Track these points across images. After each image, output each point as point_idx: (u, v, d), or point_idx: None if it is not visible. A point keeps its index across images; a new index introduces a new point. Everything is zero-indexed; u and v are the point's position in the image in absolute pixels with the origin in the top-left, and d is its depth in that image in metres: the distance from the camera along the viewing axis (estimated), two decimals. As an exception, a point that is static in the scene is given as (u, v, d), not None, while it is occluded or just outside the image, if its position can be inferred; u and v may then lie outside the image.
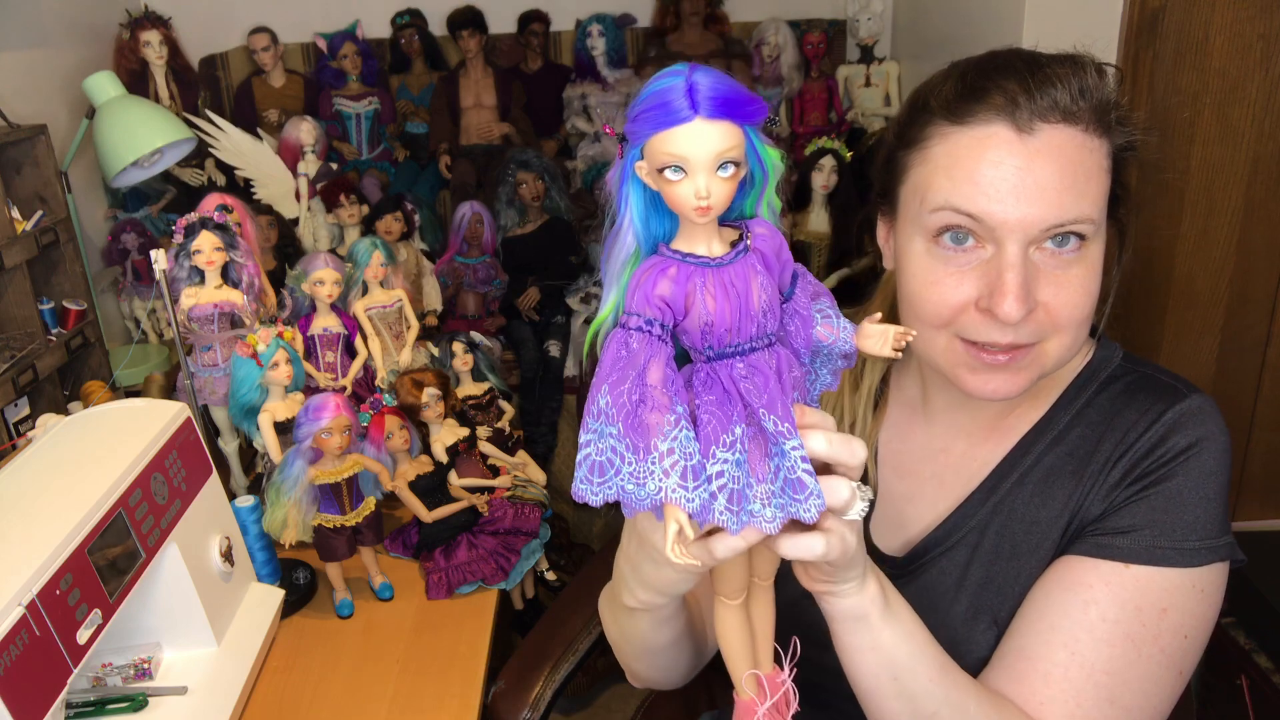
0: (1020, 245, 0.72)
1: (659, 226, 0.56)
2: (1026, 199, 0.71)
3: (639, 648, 0.86)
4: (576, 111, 2.52)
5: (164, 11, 2.33)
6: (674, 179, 0.51)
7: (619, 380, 0.51)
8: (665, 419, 0.51)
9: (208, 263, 1.41)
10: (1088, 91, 0.72)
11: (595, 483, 0.51)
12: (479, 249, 2.13)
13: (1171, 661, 0.76)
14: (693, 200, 0.51)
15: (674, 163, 0.50)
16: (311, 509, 1.24)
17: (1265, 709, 1.59)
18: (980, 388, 0.77)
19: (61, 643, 0.85)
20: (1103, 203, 0.74)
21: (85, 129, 1.95)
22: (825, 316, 0.59)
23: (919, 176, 0.77)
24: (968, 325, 0.75)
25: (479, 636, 1.24)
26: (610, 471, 0.51)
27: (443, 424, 1.42)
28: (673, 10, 2.51)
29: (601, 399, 0.51)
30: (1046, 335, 0.75)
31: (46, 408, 1.66)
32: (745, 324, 0.53)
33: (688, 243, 0.54)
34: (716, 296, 0.53)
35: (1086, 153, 0.72)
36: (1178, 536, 0.76)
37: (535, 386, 2.09)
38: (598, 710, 2.13)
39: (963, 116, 0.74)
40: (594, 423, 0.52)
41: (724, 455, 0.51)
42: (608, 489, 0.51)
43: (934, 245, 0.76)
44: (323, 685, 1.15)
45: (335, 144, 2.42)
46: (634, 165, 0.54)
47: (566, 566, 2.13)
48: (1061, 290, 0.73)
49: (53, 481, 0.98)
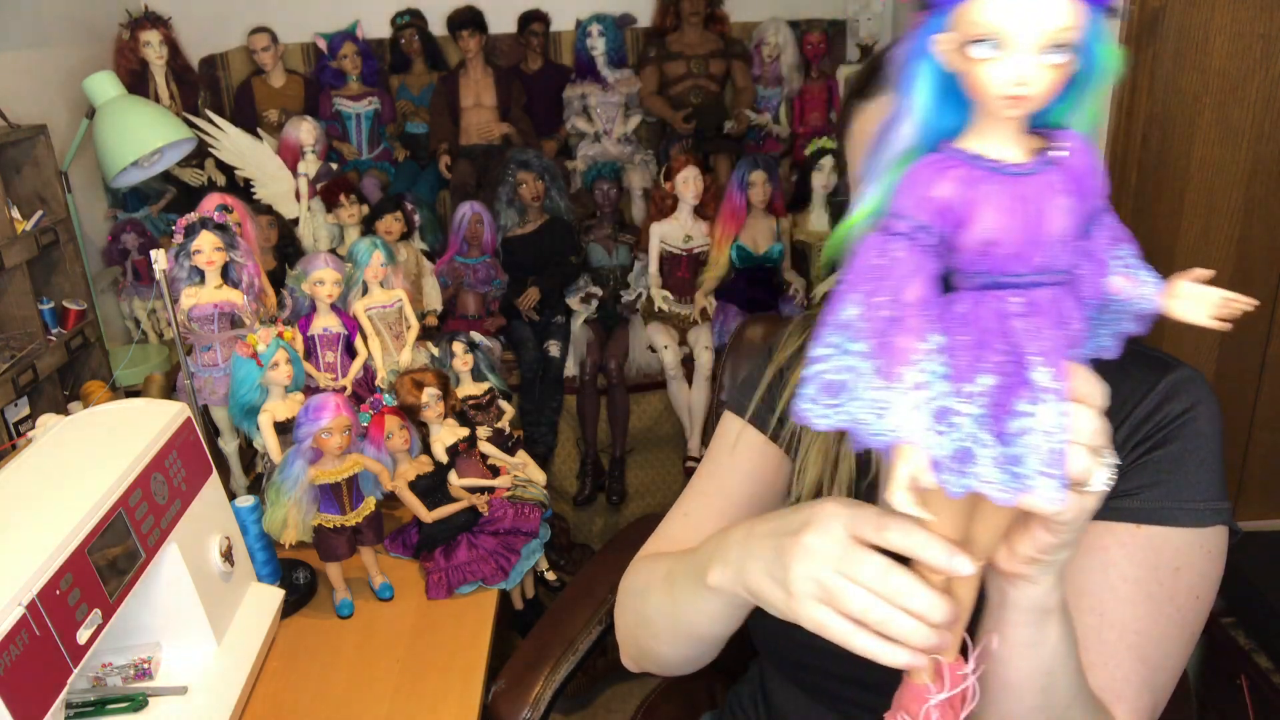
0: None
1: (948, 120, 0.46)
2: None
3: (684, 632, 0.81)
4: (576, 111, 2.52)
5: (164, 11, 2.33)
6: (984, 57, 0.42)
7: (873, 291, 0.44)
8: (920, 346, 0.44)
9: (208, 263, 1.41)
10: None
11: (825, 404, 0.45)
12: (479, 249, 2.13)
13: (1186, 621, 0.77)
14: (1006, 86, 0.42)
15: (989, 36, 0.41)
16: (311, 509, 1.24)
17: (1265, 709, 1.59)
18: None
19: (61, 643, 0.85)
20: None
21: (85, 129, 1.95)
22: (1126, 265, 0.49)
23: (849, 157, 0.85)
24: None
25: (479, 636, 1.24)
26: (845, 394, 0.44)
27: (443, 424, 1.42)
28: (673, 10, 2.51)
29: (848, 309, 0.44)
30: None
31: (46, 408, 1.66)
32: (1033, 251, 0.44)
33: (980, 142, 0.45)
34: (1006, 211, 0.44)
35: None
36: (1183, 497, 0.77)
37: (535, 386, 2.09)
38: (598, 710, 2.13)
39: (869, 93, 0.80)
40: (833, 335, 0.44)
41: (962, 407, 0.44)
42: (840, 413, 0.45)
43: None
44: (323, 685, 1.15)
45: (335, 144, 2.42)
46: (932, 38, 0.44)
47: (566, 566, 2.13)
48: None
49: (53, 481, 0.98)
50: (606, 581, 1.37)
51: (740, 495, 0.95)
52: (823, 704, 0.97)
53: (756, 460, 0.95)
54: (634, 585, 0.89)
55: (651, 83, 2.51)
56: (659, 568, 0.84)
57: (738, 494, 0.95)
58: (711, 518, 0.94)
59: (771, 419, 0.95)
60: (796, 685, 0.99)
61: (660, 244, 2.18)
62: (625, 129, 2.51)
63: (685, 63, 2.50)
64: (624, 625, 0.92)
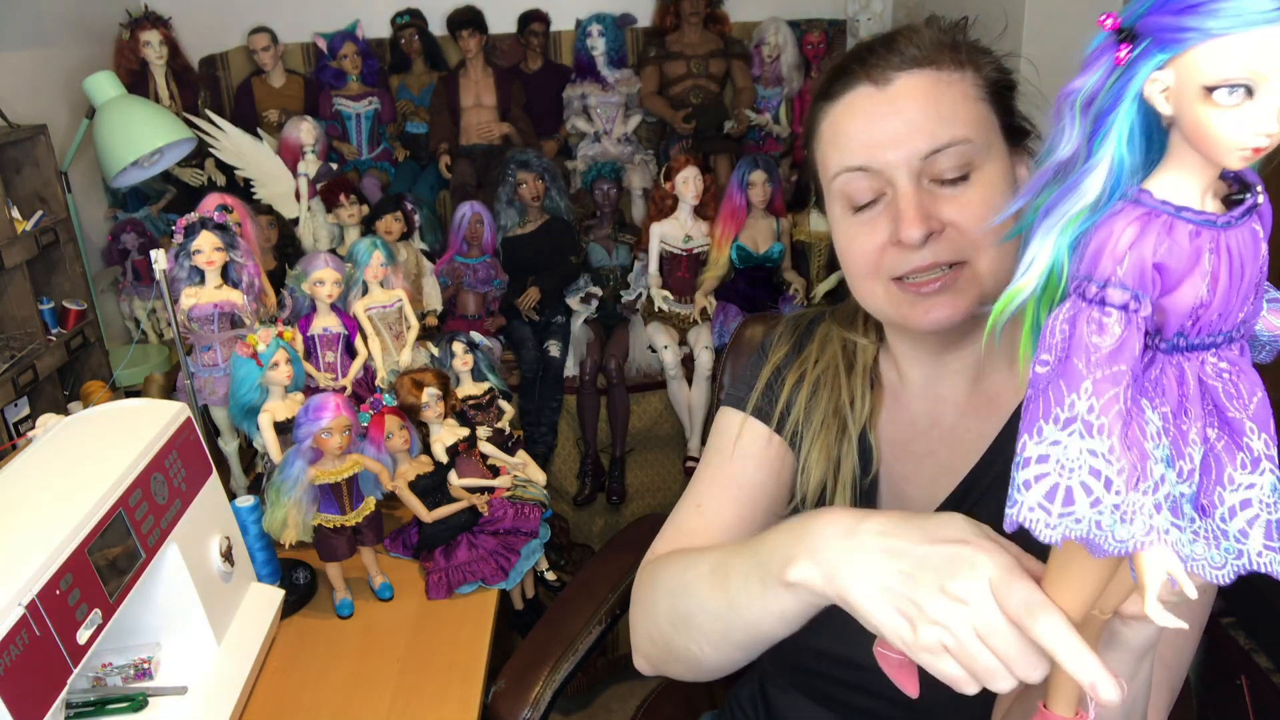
0: (909, 177, 0.78)
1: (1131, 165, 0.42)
2: (899, 136, 0.78)
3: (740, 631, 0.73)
4: (576, 111, 2.52)
5: (164, 11, 2.33)
6: (1229, 104, 0.36)
7: (1107, 380, 0.38)
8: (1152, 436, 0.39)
9: (208, 263, 1.41)
10: (934, 39, 0.81)
11: (1058, 513, 0.39)
12: (479, 249, 2.13)
13: (1194, 621, 0.77)
14: (1251, 137, 0.36)
15: (1243, 80, 0.35)
16: (311, 509, 1.24)
17: (1265, 709, 1.59)
18: (923, 319, 0.80)
19: (61, 643, 0.85)
20: (981, 126, 0.80)
21: (85, 129, 1.95)
22: (1273, 302, 0.45)
23: (819, 158, 0.86)
24: (891, 264, 0.81)
25: (479, 636, 1.24)
26: (1084, 501, 0.39)
27: (443, 424, 1.42)
28: (673, 10, 2.51)
29: (1080, 401, 0.39)
30: (968, 254, 0.79)
31: (46, 408, 1.66)
32: (1239, 307, 0.40)
33: (1176, 190, 0.39)
34: (1223, 270, 0.39)
35: (945, 86, 0.79)
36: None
37: (535, 386, 2.09)
38: (598, 710, 2.13)
39: (833, 94, 0.83)
40: (1061, 432, 0.39)
41: (1183, 489, 0.39)
42: (1074, 524, 0.39)
43: (846, 207, 0.83)
44: (323, 685, 1.15)
45: (335, 144, 2.42)
46: (1150, 79, 0.39)
47: (566, 566, 2.13)
48: (964, 208, 0.78)
49: (53, 481, 0.98)
50: (606, 581, 1.37)
51: (753, 482, 0.93)
52: (823, 706, 0.97)
53: (763, 450, 0.94)
54: (665, 583, 0.84)
55: (651, 83, 2.51)
56: (700, 564, 0.79)
57: (750, 481, 0.93)
58: (727, 505, 0.93)
59: (773, 414, 0.95)
60: (798, 689, 0.99)
61: (660, 244, 2.18)
62: (625, 129, 2.51)
63: (685, 63, 2.50)
64: (648, 627, 0.86)
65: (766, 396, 0.96)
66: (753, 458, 0.94)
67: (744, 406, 0.97)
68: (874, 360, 0.95)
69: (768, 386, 0.97)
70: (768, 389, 0.96)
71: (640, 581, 0.91)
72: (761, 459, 0.94)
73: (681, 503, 0.97)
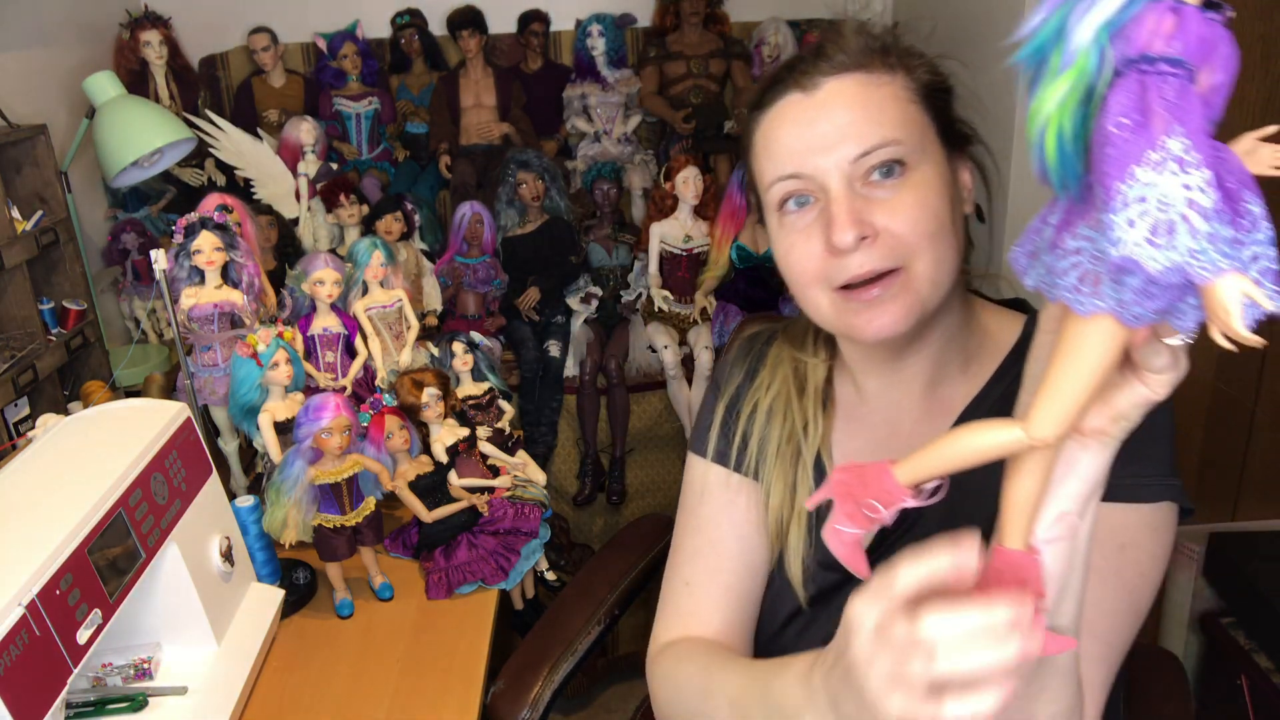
0: (841, 182, 0.77)
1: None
2: (829, 140, 0.78)
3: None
4: (576, 111, 2.52)
5: (164, 11, 2.33)
6: None
7: (1194, 123, 0.42)
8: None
9: (208, 263, 1.41)
10: (862, 44, 0.81)
11: (1161, 245, 0.42)
12: (479, 249, 2.13)
13: (1133, 598, 0.76)
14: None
15: None
16: (311, 509, 1.24)
17: (1265, 709, 1.59)
18: (866, 327, 0.79)
19: (61, 643, 0.85)
20: (914, 128, 0.79)
21: (85, 129, 1.96)
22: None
23: (755, 170, 0.86)
24: (830, 272, 0.79)
25: (479, 636, 1.24)
26: (1185, 233, 0.41)
27: (443, 424, 1.42)
28: (673, 10, 2.51)
29: (1173, 141, 0.41)
30: (904, 259, 0.78)
31: (46, 408, 1.66)
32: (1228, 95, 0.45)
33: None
34: (1230, 59, 0.44)
35: (875, 88, 0.79)
36: (1127, 473, 0.75)
37: (535, 386, 2.09)
38: (597, 710, 2.13)
39: (764, 103, 0.83)
40: (1155, 174, 0.41)
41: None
42: (1173, 252, 0.42)
43: (784, 217, 0.83)
44: (323, 685, 1.15)
45: (335, 144, 2.42)
46: None
47: (566, 566, 2.13)
48: (897, 212, 0.77)
49: (53, 481, 0.98)
50: (605, 582, 1.37)
51: (727, 542, 0.95)
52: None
53: (729, 498, 0.96)
54: (682, 687, 0.88)
55: (651, 83, 2.51)
56: (717, 687, 0.81)
57: (724, 542, 0.95)
58: (711, 576, 0.95)
59: (730, 453, 0.96)
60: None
61: (660, 244, 2.18)
62: (625, 129, 2.51)
63: (685, 63, 2.50)
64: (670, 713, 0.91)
65: (723, 436, 0.97)
66: (722, 510, 0.96)
67: (704, 452, 0.99)
68: (826, 379, 0.95)
69: (723, 424, 0.98)
70: (723, 427, 0.98)
71: (657, 678, 0.94)
72: (729, 510, 0.96)
73: (670, 574, 0.99)
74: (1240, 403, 2.11)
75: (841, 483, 0.57)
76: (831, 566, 0.92)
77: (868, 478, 0.55)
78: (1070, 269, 0.47)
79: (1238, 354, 0.48)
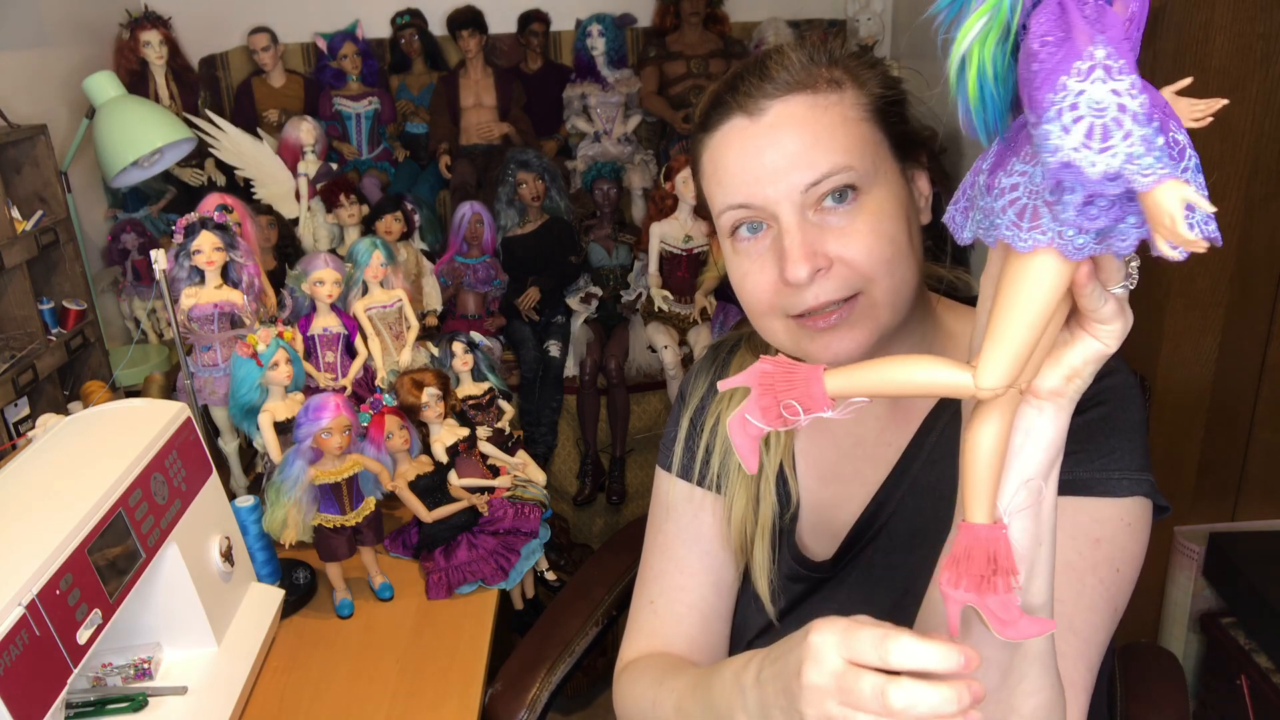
0: (792, 212, 0.75)
1: None
2: (778, 170, 0.75)
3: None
4: (576, 111, 2.52)
5: (164, 11, 2.33)
6: None
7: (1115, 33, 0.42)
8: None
9: (208, 263, 1.41)
10: (806, 60, 0.78)
11: (1098, 149, 0.41)
12: (479, 249, 2.13)
13: (1109, 594, 0.76)
14: None
15: None
16: (311, 509, 1.24)
17: (1265, 709, 1.59)
18: (823, 353, 0.78)
19: (61, 643, 0.85)
20: (865, 150, 0.76)
21: (85, 129, 1.96)
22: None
23: (705, 192, 0.84)
24: (786, 302, 0.78)
25: (479, 636, 1.24)
26: (1118, 135, 0.41)
27: (443, 424, 1.42)
28: (673, 10, 2.51)
29: (1098, 49, 0.41)
30: (861, 286, 0.76)
31: (46, 408, 1.66)
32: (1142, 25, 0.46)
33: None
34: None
35: (822, 111, 0.76)
36: (1096, 467, 0.76)
37: (535, 386, 2.09)
38: (597, 710, 2.13)
39: (709, 126, 0.80)
40: (1085, 82, 0.41)
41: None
42: (1112, 158, 0.41)
43: (736, 244, 0.81)
44: (323, 685, 1.15)
45: (335, 144, 2.42)
46: None
47: (566, 566, 2.13)
48: (851, 241, 0.75)
49: (53, 481, 0.98)
50: (603, 582, 1.37)
51: (690, 560, 0.95)
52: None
53: (693, 514, 0.96)
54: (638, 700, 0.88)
55: (651, 83, 2.51)
56: (665, 695, 0.83)
57: (688, 560, 0.95)
58: (674, 594, 0.95)
59: (694, 468, 0.96)
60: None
61: (660, 244, 2.18)
62: (625, 129, 2.51)
63: (685, 63, 2.50)
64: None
65: (687, 450, 0.97)
66: (687, 526, 0.96)
67: (669, 466, 0.99)
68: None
69: (687, 438, 0.97)
70: (687, 441, 0.97)
71: (617, 695, 0.94)
72: (694, 526, 0.96)
73: (638, 594, 0.99)
74: (1240, 403, 2.11)
75: (767, 374, 0.53)
76: (797, 578, 0.92)
77: (796, 377, 0.53)
78: (1007, 206, 0.47)
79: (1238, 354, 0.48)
